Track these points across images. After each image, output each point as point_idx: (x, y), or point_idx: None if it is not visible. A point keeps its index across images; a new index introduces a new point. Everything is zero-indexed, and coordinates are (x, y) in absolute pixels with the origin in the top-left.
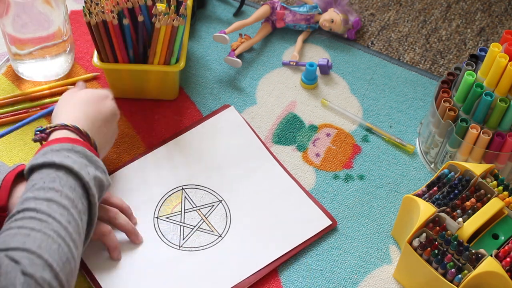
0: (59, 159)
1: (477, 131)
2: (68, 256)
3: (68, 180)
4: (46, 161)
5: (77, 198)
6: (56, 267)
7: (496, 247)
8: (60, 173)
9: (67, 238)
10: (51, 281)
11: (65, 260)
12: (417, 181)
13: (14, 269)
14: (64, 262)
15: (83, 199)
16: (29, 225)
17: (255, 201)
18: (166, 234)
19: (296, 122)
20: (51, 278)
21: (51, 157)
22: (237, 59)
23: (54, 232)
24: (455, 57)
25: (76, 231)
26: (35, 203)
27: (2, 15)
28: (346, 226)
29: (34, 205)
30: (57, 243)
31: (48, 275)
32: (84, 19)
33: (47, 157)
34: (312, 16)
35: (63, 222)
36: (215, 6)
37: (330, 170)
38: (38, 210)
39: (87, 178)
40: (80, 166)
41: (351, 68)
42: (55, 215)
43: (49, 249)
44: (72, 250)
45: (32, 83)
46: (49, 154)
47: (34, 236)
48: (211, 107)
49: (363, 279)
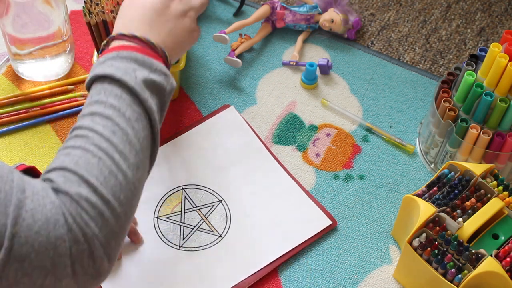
0: (102, 69)
1: (477, 131)
2: (112, 169)
3: (113, 89)
4: (91, 76)
5: (124, 106)
6: (95, 181)
7: (496, 247)
8: (105, 84)
9: (110, 150)
10: (88, 196)
11: (107, 173)
12: (417, 181)
13: (44, 189)
14: (106, 176)
15: (134, 106)
16: (70, 143)
17: (255, 201)
18: (166, 234)
19: (296, 122)
20: (88, 193)
21: (95, 70)
22: (237, 59)
23: (94, 146)
24: (455, 57)
25: (125, 140)
26: (81, 121)
27: (2, 15)
28: (346, 226)
29: (80, 123)
30: (97, 157)
31: (85, 190)
32: (84, 19)
33: (92, 72)
34: (312, 16)
35: (106, 134)
36: (215, 6)
37: (330, 170)
38: (81, 126)
39: (133, 83)
40: (124, 71)
41: (351, 68)
42: (97, 128)
43: (86, 164)
44: (118, 162)
45: (32, 83)
46: (94, 69)
47: (73, 154)
48: (211, 107)
49: (363, 279)
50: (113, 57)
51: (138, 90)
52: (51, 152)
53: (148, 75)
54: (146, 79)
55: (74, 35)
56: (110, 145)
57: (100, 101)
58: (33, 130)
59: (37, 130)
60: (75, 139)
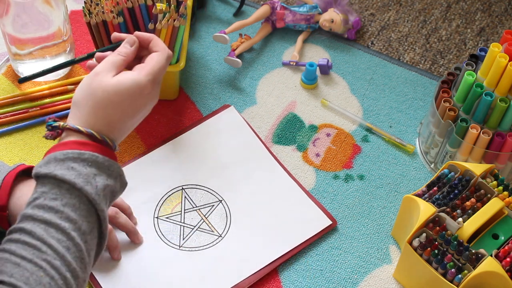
0: (61, 171)
1: (477, 131)
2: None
3: (70, 198)
4: (48, 173)
5: (80, 218)
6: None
7: (496, 247)
8: (63, 190)
9: (63, 269)
10: None
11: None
12: (417, 181)
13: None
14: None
15: (90, 217)
16: (21, 252)
17: (255, 201)
18: (166, 234)
19: (296, 122)
20: None
21: (53, 169)
22: (237, 59)
23: (47, 263)
24: (455, 57)
25: (77, 257)
26: (33, 225)
27: (2, 15)
28: (346, 226)
29: (31, 228)
30: (50, 276)
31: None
32: (84, 19)
33: (49, 168)
34: (312, 16)
35: (60, 250)
36: (215, 6)
37: (330, 170)
38: (33, 234)
39: (93, 193)
40: (85, 179)
41: (351, 68)
42: (51, 242)
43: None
44: (70, 281)
45: (32, 83)
46: (52, 164)
47: (24, 267)
48: (211, 107)
49: (363, 279)
50: (74, 158)
51: (97, 201)
52: None
53: (106, 181)
54: (105, 186)
55: (74, 35)
56: (63, 263)
57: (56, 210)
58: (33, 130)
59: (37, 130)
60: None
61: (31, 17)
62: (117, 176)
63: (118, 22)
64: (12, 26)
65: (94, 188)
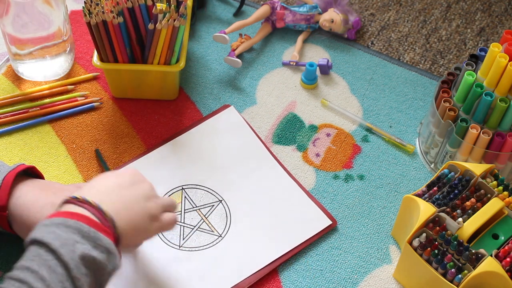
0: (41, 234)
1: (477, 131)
2: None
3: (47, 259)
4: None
5: (55, 281)
6: None
7: (496, 247)
8: (41, 251)
9: None
10: None
11: None
12: (417, 181)
13: None
14: None
15: (66, 282)
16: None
17: (255, 201)
18: (166, 234)
19: (296, 122)
20: None
21: (35, 233)
22: (237, 59)
23: None
24: (455, 57)
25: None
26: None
27: (2, 15)
28: (346, 226)
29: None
30: None
31: None
32: (84, 19)
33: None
34: (312, 16)
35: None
36: (215, 6)
37: (330, 170)
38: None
39: (68, 257)
40: (63, 242)
41: (351, 68)
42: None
43: None
44: None
45: (32, 83)
46: (36, 229)
47: None
48: (211, 107)
49: (363, 279)
50: (58, 224)
51: (72, 266)
52: (51, 152)
53: (89, 251)
54: (85, 254)
55: (74, 35)
56: None
57: (32, 270)
58: (33, 130)
59: (37, 130)
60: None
61: (31, 17)
62: (104, 250)
63: (118, 22)
64: (12, 26)
65: (71, 252)
